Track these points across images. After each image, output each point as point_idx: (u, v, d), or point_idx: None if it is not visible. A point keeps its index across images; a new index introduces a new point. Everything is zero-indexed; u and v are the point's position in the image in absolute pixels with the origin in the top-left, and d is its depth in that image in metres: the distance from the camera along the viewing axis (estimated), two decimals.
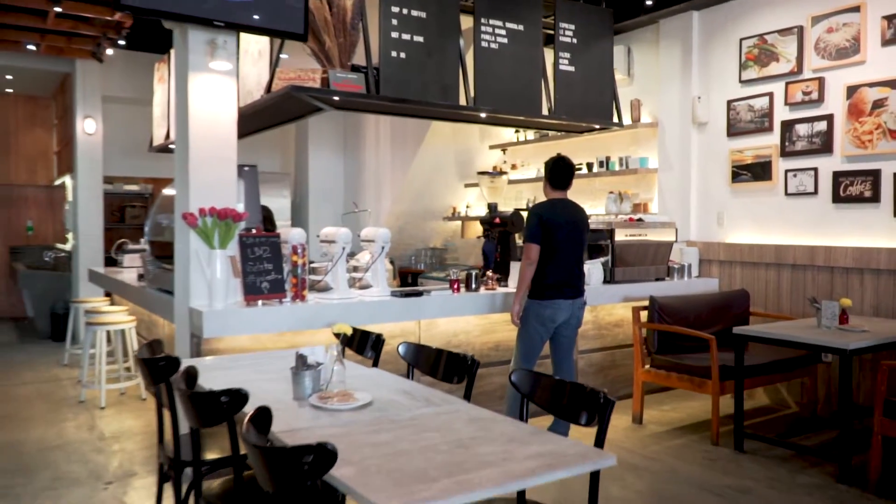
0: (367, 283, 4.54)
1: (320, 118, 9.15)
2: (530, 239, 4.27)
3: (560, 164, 4.43)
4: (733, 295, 5.45)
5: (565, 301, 4.32)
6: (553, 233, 4.28)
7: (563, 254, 4.33)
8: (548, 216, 4.30)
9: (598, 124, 5.71)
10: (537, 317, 4.32)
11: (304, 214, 9.33)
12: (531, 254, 4.26)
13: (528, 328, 4.36)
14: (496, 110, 5.09)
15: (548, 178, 4.46)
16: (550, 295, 4.30)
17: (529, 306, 4.35)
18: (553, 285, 4.31)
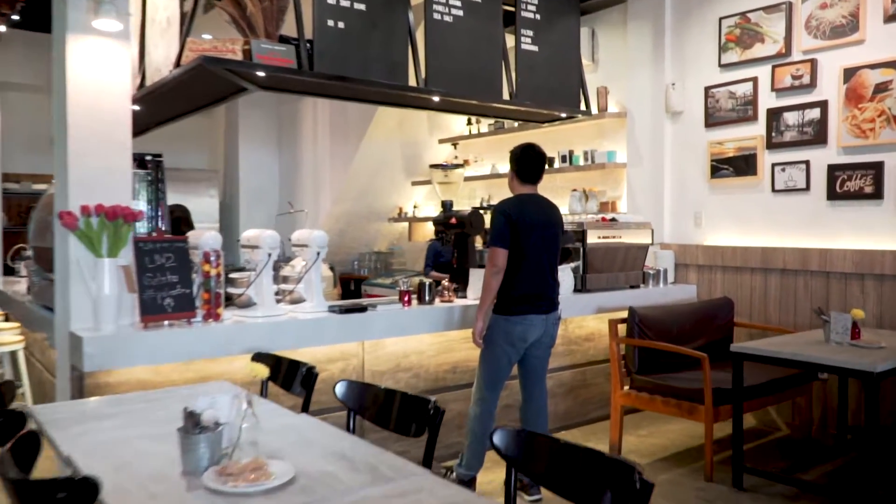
0: (299, 297, 3.77)
1: (252, 108, 8.31)
2: (497, 242, 3.58)
3: (530, 152, 3.76)
4: (716, 304, 4.86)
5: (538, 316, 3.65)
6: (523, 235, 3.61)
7: (536, 260, 3.66)
8: (517, 215, 3.62)
9: (565, 112, 5.05)
10: (505, 335, 3.64)
11: (233, 216, 8.46)
12: (498, 260, 3.57)
13: (494, 349, 3.67)
14: (451, 93, 4.37)
15: (515, 170, 3.78)
16: (521, 309, 3.62)
17: (495, 323, 3.66)
18: (524, 297, 3.63)
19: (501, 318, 3.65)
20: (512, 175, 3.79)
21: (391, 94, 4.31)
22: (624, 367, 4.37)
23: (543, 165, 3.81)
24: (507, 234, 3.59)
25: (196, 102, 4.69)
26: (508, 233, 3.59)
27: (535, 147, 3.79)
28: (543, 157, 3.79)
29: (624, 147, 5.79)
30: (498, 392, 3.72)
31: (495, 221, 3.63)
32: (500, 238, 3.59)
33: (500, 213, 3.64)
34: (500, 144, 6.91)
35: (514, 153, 3.79)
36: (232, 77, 3.83)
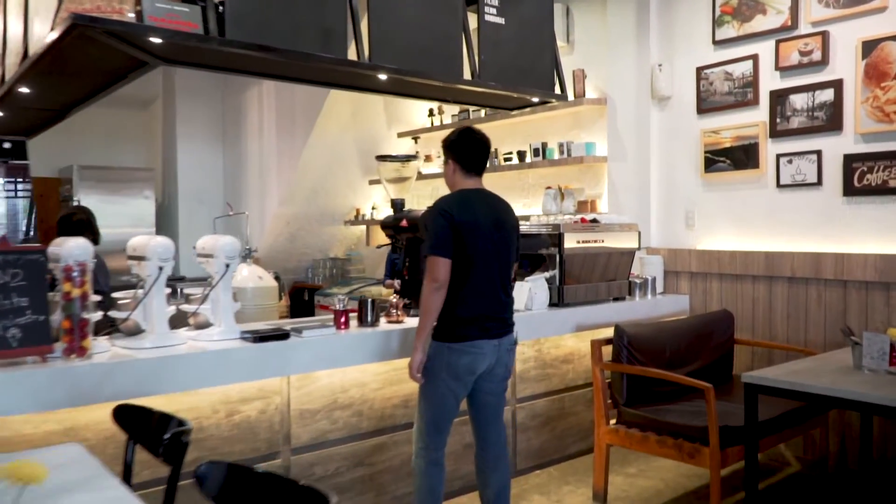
0: (204, 321, 3.00)
1: (192, 99, 7.39)
2: (436, 250, 2.86)
3: (472, 135, 3.06)
4: (713, 319, 4.16)
5: (489, 342, 2.94)
6: (469, 240, 2.88)
7: (485, 271, 2.94)
8: (461, 215, 2.89)
9: (537, 96, 4.32)
10: (449, 367, 2.91)
11: (172, 219, 7.63)
12: (439, 273, 2.84)
13: (435, 384, 2.94)
14: (400, 70, 3.63)
15: (455, 159, 3.06)
16: (467, 334, 2.90)
17: (436, 352, 2.93)
18: (471, 319, 2.92)
19: (444, 345, 2.91)
20: (452, 166, 3.07)
21: (326, 69, 3.55)
22: (610, 397, 3.65)
23: (488, 152, 3.12)
24: (450, 240, 2.85)
25: (93, 82, 3.89)
26: (451, 238, 2.86)
27: (475, 130, 3.10)
28: (487, 142, 3.10)
29: (604, 138, 5.09)
30: (444, 437, 2.98)
31: (434, 223, 2.89)
32: (441, 244, 2.85)
33: (439, 212, 2.89)
34: None
35: (450, 139, 3.08)
36: (121, 45, 3.05)
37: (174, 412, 2.06)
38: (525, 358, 4.00)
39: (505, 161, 5.65)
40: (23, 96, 4.13)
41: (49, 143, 7.76)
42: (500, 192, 5.75)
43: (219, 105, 7.66)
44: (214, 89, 7.61)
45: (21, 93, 4.08)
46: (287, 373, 2.96)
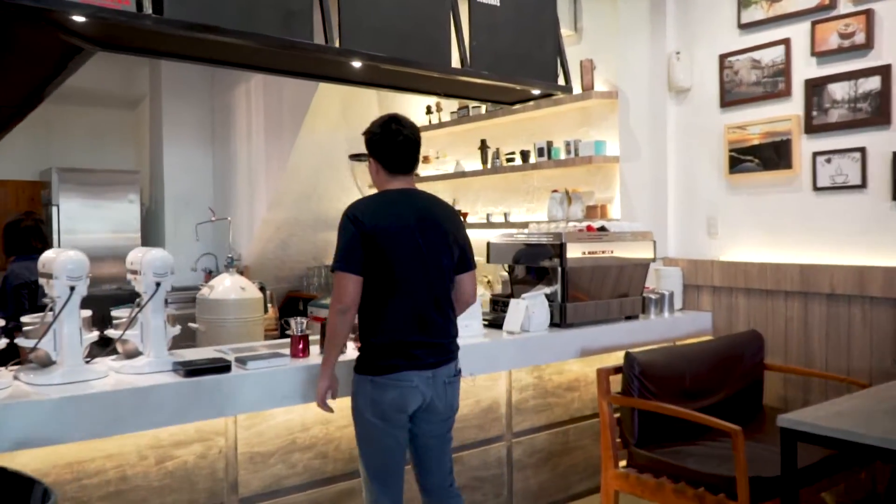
0: (133, 349, 2.53)
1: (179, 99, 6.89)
2: (341, 263, 2.40)
3: (392, 128, 2.57)
4: (740, 341, 3.63)
5: (419, 374, 2.46)
6: (388, 250, 2.43)
7: (411, 288, 2.47)
8: (375, 220, 2.43)
9: (537, 87, 3.82)
10: (374, 406, 2.45)
11: (158, 224, 7.21)
12: (344, 292, 2.39)
13: (364, 426, 2.49)
14: (376, 56, 3.14)
15: (375, 156, 2.60)
16: (391, 365, 2.43)
17: (359, 388, 2.49)
18: (393, 347, 2.45)
19: (365, 379, 2.45)
20: (374, 166, 2.61)
21: (289, 56, 3.07)
22: (619, 435, 3.13)
23: (418, 146, 2.63)
24: (359, 252, 2.39)
25: (31, 72, 3.45)
26: (360, 249, 2.39)
27: (400, 120, 2.60)
28: (415, 135, 2.61)
29: (615, 136, 4.57)
30: (392, 485, 2.50)
31: (340, 233, 2.44)
32: (347, 258, 2.39)
33: (347, 219, 2.43)
34: (465, 136, 5.69)
35: (370, 133, 2.60)
36: (40, 26, 2.60)
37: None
38: (522, 386, 3.49)
39: (507, 162, 5.15)
40: None
41: (31, 145, 7.39)
42: (502, 195, 5.25)
43: (208, 104, 7.23)
44: (203, 87, 7.18)
45: None
46: (225, 413, 2.48)
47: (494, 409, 3.41)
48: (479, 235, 4.10)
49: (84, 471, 2.31)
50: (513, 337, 3.29)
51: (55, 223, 6.64)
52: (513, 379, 3.46)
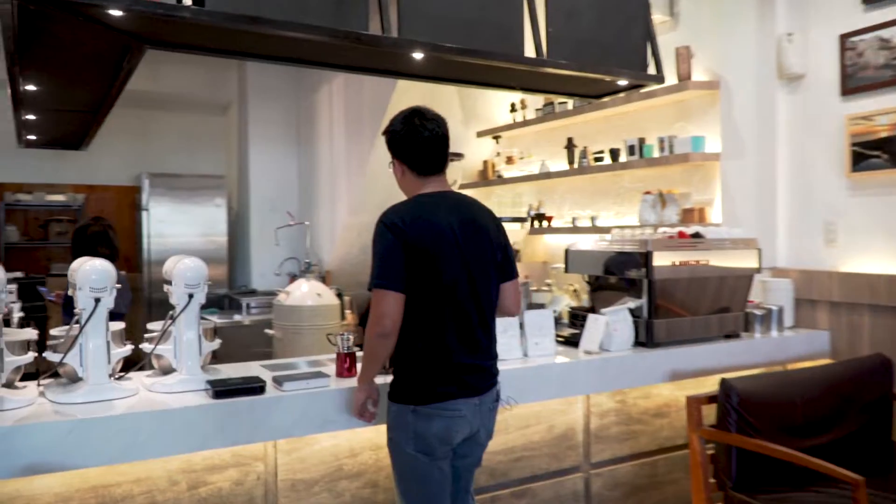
0: (166, 365, 2.35)
1: (265, 102, 6.83)
2: (382, 280, 2.09)
3: (415, 122, 2.25)
4: (863, 366, 3.10)
5: (468, 401, 2.16)
6: (430, 261, 2.12)
7: (459, 304, 2.17)
8: (417, 229, 2.12)
9: (624, 77, 3.43)
10: (417, 439, 2.14)
11: (244, 228, 7.22)
12: (385, 313, 2.08)
13: (403, 459, 2.18)
14: (439, 46, 2.87)
15: (401, 157, 2.29)
16: (436, 392, 2.13)
17: (399, 418, 2.18)
18: (437, 371, 2.15)
19: (406, 409, 2.15)
20: (399, 168, 2.31)
21: (344, 48, 2.84)
22: (714, 475, 2.71)
23: (446, 142, 2.30)
24: (400, 265, 2.08)
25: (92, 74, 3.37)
26: (403, 262, 2.08)
27: (424, 113, 2.28)
28: (442, 127, 2.28)
29: (716, 130, 4.10)
30: None
31: (377, 243, 2.13)
32: (388, 273, 2.08)
33: (385, 227, 2.13)
34: (551, 134, 5.33)
35: (390, 130, 2.29)
36: (83, 23, 2.47)
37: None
38: (603, 411, 3.12)
39: (595, 161, 4.75)
40: (33, 95, 3.71)
41: (129, 151, 7.59)
42: (590, 198, 4.83)
43: (293, 106, 7.18)
44: (289, 89, 7.14)
45: (29, 91, 3.65)
46: (256, 439, 2.25)
47: (570, 437, 3.05)
48: (564, 241, 3.74)
49: (110, 495, 2.14)
50: (590, 357, 2.92)
51: (145, 227, 6.76)
52: (591, 403, 3.09)
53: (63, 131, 4.98)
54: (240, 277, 7.40)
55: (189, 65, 7.11)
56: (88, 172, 7.48)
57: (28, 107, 4.07)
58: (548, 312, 2.92)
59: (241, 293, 6.67)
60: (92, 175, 7.57)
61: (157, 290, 6.77)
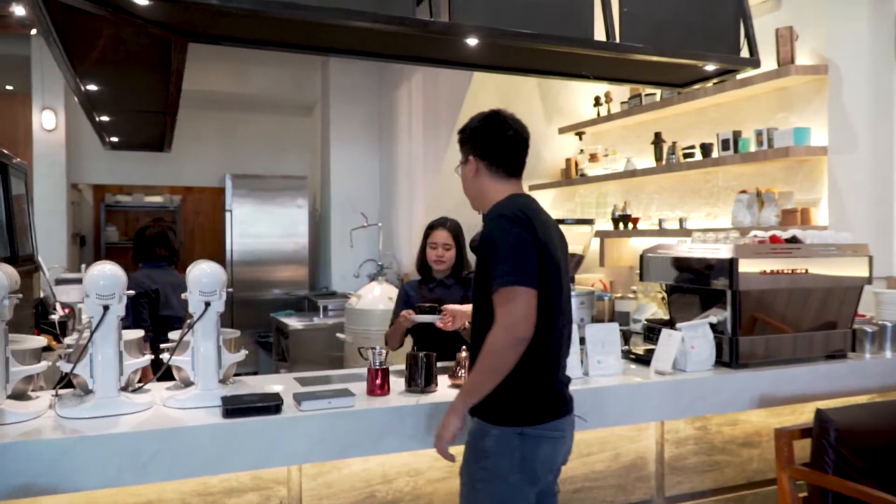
0: (186, 377, 2.20)
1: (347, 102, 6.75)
2: (521, 276, 1.85)
3: (499, 119, 2.10)
4: None
5: (567, 420, 2.02)
6: (549, 268, 1.95)
7: (562, 310, 2.03)
8: (540, 227, 1.95)
9: (712, 62, 3.04)
10: (524, 466, 1.91)
11: (325, 229, 7.17)
12: (524, 316, 1.84)
13: (502, 491, 1.92)
14: (494, 30, 2.60)
15: (481, 154, 2.09)
16: (546, 411, 1.94)
17: (502, 443, 1.92)
18: (547, 387, 1.97)
19: (512, 432, 1.91)
20: (474, 166, 2.09)
21: (388, 36, 2.61)
22: None
23: (527, 145, 2.13)
24: (534, 262, 1.88)
25: (144, 70, 3.30)
26: (535, 259, 1.89)
27: (506, 113, 2.13)
28: (525, 132, 2.13)
29: (823, 121, 3.61)
30: None
31: (508, 236, 1.89)
32: (524, 268, 1.86)
33: (513, 220, 1.90)
34: (638, 129, 4.94)
35: (473, 127, 2.11)
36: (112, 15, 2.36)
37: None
38: (679, 438, 2.75)
39: (685, 157, 4.33)
40: (96, 95, 3.71)
41: (218, 152, 7.70)
42: (681, 197, 4.44)
43: (375, 106, 7.07)
44: (371, 89, 7.03)
45: (93, 91, 3.65)
46: (269, 465, 2.04)
47: (640, 466, 2.70)
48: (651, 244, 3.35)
49: None
50: (663, 378, 2.56)
51: (229, 228, 6.82)
52: (666, 429, 2.73)
53: (141, 132, 5.04)
54: (322, 279, 7.36)
55: (275, 66, 7.14)
56: (179, 174, 7.65)
57: (98, 108, 4.10)
58: (612, 326, 2.59)
59: (320, 295, 6.61)
60: (182, 177, 7.74)
61: (239, 291, 6.81)
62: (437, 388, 2.33)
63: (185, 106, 7.54)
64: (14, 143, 7.59)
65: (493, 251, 1.90)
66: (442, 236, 3.17)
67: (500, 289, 1.85)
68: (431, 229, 3.23)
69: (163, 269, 3.62)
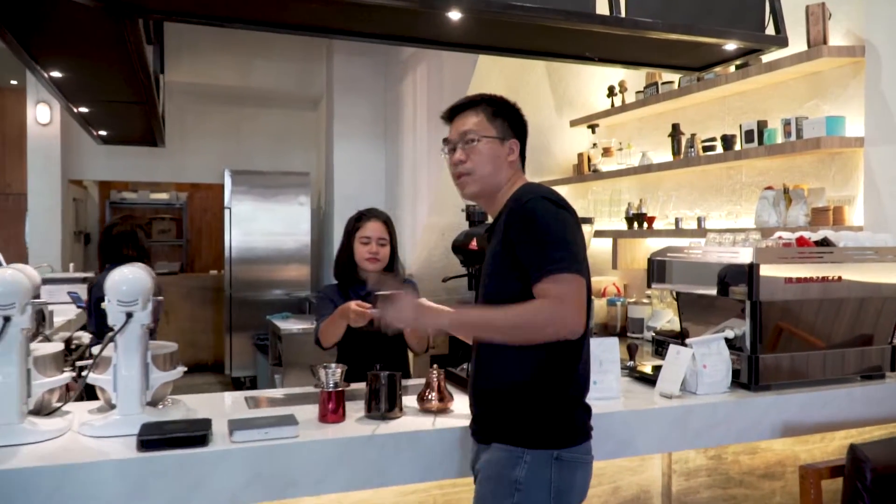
0: (109, 399, 1.90)
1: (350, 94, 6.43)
2: (576, 263, 1.67)
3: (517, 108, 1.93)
4: None
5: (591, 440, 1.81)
6: (587, 259, 1.77)
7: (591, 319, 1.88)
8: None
9: (730, 40, 2.69)
10: (559, 497, 1.64)
11: (329, 226, 6.89)
12: (580, 307, 1.65)
13: None
14: (478, 4, 2.28)
15: (518, 136, 1.90)
16: (584, 430, 1.76)
17: (534, 471, 1.64)
18: (581, 402, 1.78)
19: (545, 456, 1.65)
20: (508, 147, 1.87)
21: (363, 13, 2.30)
22: None
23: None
24: (585, 253, 1.74)
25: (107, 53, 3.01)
26: (585, 249, 1.74)
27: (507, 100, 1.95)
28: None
29: (860, 109, 3.23)
30: None
31: (550, 223, 1.69)
32: (579, 255, 1.69)
33: (554, 205, 1.73)
34: (655, 121, 4.58)
35: (508, 105, 1.91)
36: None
37: None
38: (689, 470, 2.40)
39: (704, 151, 3.96)
40: (64, 83, 3.45)
41: (220, 148, 7.45)
42: (701, 195, 4.16)
43: (381, 99, 6.76)
44: (376, 82, 6.72)
45: (58, 78, 3.38)
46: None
47: (643, 501, 2.36)
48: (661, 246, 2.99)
49: None
50: (669, 403, 2.22)
51: (227, 225, 6.56)
52: (673, 459, 2.39)
53: (125, 125, 4.79)
54: (325, 279, 7.08)
55: (279, 59, 6.88)
56: (180, 171, 7.42)
57: (71, 98, 3.85)
58: (611, 342, 2.24)
59: None
60: (184, 173, 7.51)
61: (238, 291, 6.56)
62: (403, 414, 2.01)
63: (186, 100, 7.37)
64: (8, 138, 7.43)
65: (541, 233, 1.67)
66: (377, 229, 2.67)
67: (555, 274, 1.61)
68: (361, 221, 2.71)
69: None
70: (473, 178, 1.84)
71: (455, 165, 1.87)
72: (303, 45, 6.83)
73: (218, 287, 7.20)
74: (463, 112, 1.91)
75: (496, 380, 1.72)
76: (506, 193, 1.81)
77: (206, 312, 7.54)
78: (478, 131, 1.84)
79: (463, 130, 1.86)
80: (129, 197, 8.85)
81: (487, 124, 1.85)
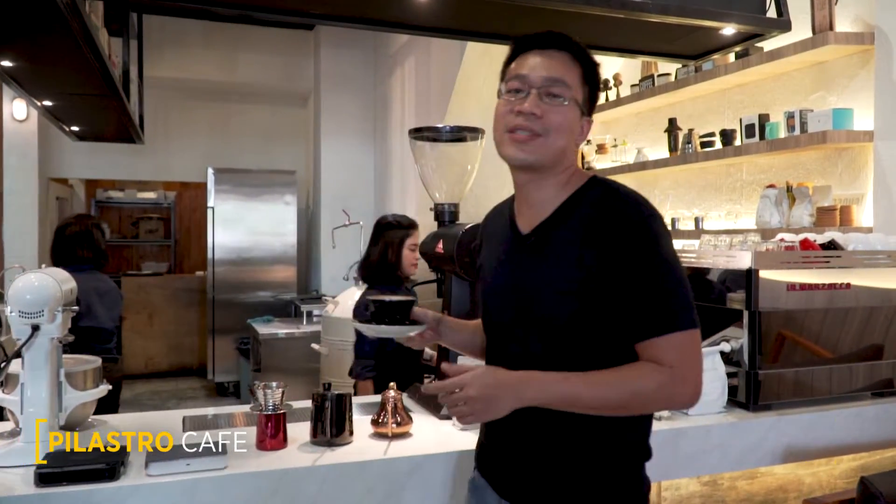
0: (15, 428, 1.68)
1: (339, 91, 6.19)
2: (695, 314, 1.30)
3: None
4: None
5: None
6: None
7: None
8: None
9: (730, 23, 2.45)
10: None
11: (316, 227, 6.67)
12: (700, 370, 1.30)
13: None
14: None
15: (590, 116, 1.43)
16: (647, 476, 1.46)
17: None
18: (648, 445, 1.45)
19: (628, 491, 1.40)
20: (583, 124, 1.41)
21: None
22: None
23: None
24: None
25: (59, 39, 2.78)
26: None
27: None
28: None
29: (869, 101, 2.99)
30: None
31: (674, 252, 1.35)
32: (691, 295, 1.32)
33: (664, 226, 1.36)
34: (651, 116, 4.35)
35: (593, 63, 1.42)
36: None
37: None
38: (681, 497, 2.16)
39: (703, 147, 3.72)
40: (17, 73, 3.23)
41: (207, 146, 7.23)
42: (699, 193, 3.98)
43: (370, 95, 6.53)
44: (365, 78, 6.50)
45: (9, 67, 3.16)
46: None
47: None
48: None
49: None
50: (657, 425, 1.98)
51: (209, 225, 6.34)
52: (663, 486, 2.15)
53: (94, 120, 4.56)
54: (313, 282, 6.86)
55: (265, 53, 6.66)
56: (165, 169, 7.20)
57: (31, 90, 3.63)
58: None
59: (308, 299, 6.10)
60: (168, 172, 7.29)
61: (220, 293, 6.33)
62: (353, 439, 1.78)
63: (170, 96, 7.15)
64: None
65: (665, 270, 1.30)
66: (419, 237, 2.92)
67: (678, 332, 1.27)
68: (411, 229, 3.01)
69: (86, 272, 3.11)
70: (544, 143, 1.35)
71: (519, 115, 1.33)
72: (289, 38, 6.61)
73: (203, 289, 6.99)
74: (557, 51, 1.37)
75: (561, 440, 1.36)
76: (562, 181, 1.41)
77: (191, 315, 7.32)
78: (572, 88, 1.36)
79: (554, 77, 1.34)
80: (115, 196, 8.64)
81: (580, 85, 1.38)
